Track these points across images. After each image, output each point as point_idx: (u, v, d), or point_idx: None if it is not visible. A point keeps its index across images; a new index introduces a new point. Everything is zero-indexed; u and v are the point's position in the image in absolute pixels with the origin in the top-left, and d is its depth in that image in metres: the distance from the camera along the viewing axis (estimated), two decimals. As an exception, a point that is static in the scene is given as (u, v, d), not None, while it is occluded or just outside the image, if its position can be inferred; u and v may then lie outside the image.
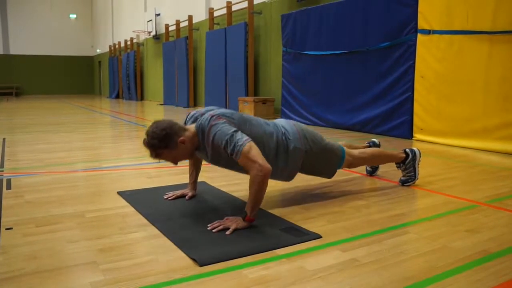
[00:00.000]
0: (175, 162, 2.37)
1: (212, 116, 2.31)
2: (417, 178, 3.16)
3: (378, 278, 1.68)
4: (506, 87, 4.67)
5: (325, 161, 2.78)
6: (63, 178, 3.47)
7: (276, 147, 2.50)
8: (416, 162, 3.13)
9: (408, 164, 3.13)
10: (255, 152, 2.20)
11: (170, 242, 2.05)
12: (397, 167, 3.19)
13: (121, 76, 20.82)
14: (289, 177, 2.70)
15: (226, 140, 2.21)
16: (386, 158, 3.15)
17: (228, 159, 2.32)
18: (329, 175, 2.88)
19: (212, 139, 2.26)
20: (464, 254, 1.92)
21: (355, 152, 2.97)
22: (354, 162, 2.96)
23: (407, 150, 3.14)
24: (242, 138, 2.22)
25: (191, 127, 2.38)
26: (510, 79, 4.63)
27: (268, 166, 2.19)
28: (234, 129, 2.26)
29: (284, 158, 2.55)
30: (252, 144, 2.23)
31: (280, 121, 2.74)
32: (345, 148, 2.91)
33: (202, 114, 2.39)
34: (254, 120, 2.52)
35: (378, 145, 3.52)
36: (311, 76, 7.55)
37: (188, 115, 2.56)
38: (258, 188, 2.17)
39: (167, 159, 2.34)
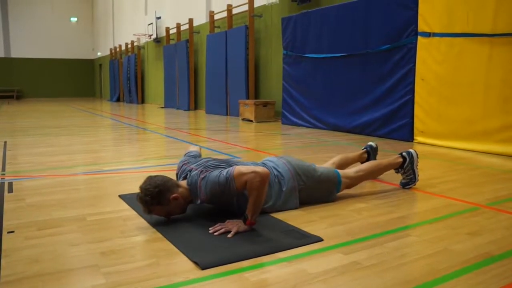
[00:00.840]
0: (168, 217, 2.39)
1: (201, 171, 2.36)
2: (417, 180, 3.16)
3: (380, 281, 1.68)
4: (507, 90, 4.67)
5: (322, 191, 2.79)
6: (64, 181, 3.47)
7: (269, 191, 2.52)
8: (414, 164, 3.13)
9: (406, 168, 3.13)
10: (244, 168, 2.22)
11: (171, 245, 2.05)
12: (396, 172, 3.19)
13: (122, 79, 20.85)
14: (288, 209, 2.68)
15: (219, 182, 2.24)
16: (384, 169, 3.13)
17: (223, 203, 2.41)
18: (329, 200, 2.86)
19: (205, 190, 2.30)
20: (466, 257, 1.92)
21: (351, 173, 2.95)
22: (353, 183, 2.95)
23: (404, 153, 3.14)
24: (228, 169, 2.26)
25: (183, 183, 2.42)
26: (511, 82, 4.64)
27: (265, 170, 2.20)
28: (220, 169, 2.31)
29: (280, 200, 2.57)
30: (239, 166, 2.27)
31: (271, 161, 2.75)
32: (341, 172, 2.89)
33: (191, 170, 2.44)
34: (244, 162, 2.56)
35: (375, 148, 3.51)
36: (312, 78, 7.56)
37: (179, 168, 2.63)
38: (257, 192, 2.18)
39: (160, 215, 2.36)
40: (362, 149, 3.52)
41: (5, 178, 3.61)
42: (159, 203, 2.28)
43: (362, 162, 3.40)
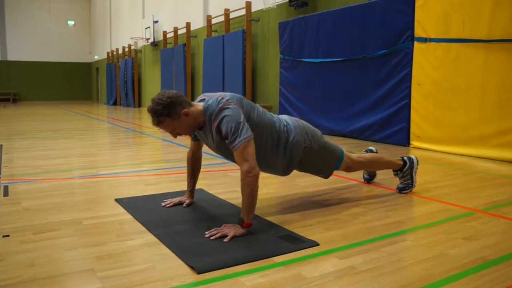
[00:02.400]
0: (174, 134, 2.35)
1: (222, 99, 2.29)
2: (414, 186, 3.17)
3: (376, 286, 1.68)
4: (503, 95, 4.70)
5: (323, 159, 2.79)
6: (61, 185, 3.46)
7: (277, 137, 2.52)
8: (414, 170, 3.14)
9: (405, 172, 3.14)
10: (251, 151, 2.21)
11: (168, 249, 2.05)
12: (395, 174, 3.21)
13: (119, 82, 20.83)
14: (285, 171, 2.70)
15: (232, 127, 2.20)
16: (384, 164, 3.16)
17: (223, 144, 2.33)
18: (326, 174, 2.88)
19: (219, 122, 2.24)
20: (461, 261, 1.92)
21: (354, 155, 2.99)
22: (352, 166, 2.96)
23: (405, 158, 3.15)
24: (247, 132, 2.22)
25: (199, 104, 2.37)
26: (507, 87, 4.67)
27: (258, 169, 2.21)
28: (242, 119, 2.25)
29: (284, 150, 2.57)
30: (252, 142, 2.24)
31: (283, 116, 2.76)
32: (345, 151, 2.92)
33: (211, 97, 2.37)
34: (260, 109, 2.52)
35: (375, 153, 3.53)
36: (309, 83, 7.58)
37: (198, 98, 2.54)
38: (250, 191, 2.19)
39: (167, 129, 2.32)
40: (363, 151, 3.53)
41: (1, 182, 3.59)
42: (169, 115, 2.25)
43: None
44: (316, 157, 2.74)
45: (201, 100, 2.43)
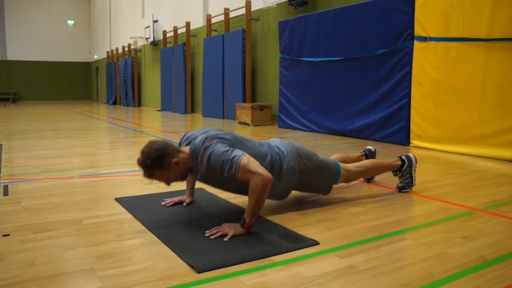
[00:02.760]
0: (167, 183, 2.37)
1: (206, 138, 2.32)
2: (414, 185, 3.17)
3: (376, 285, 1.68)
4: (503, 94, 4.69)
5: (320, 178, 2.80)
6: (60, 185, 3.46)
7: (270, 167, 2.51)
8: (413, 168, 3.14)
9: (404, 171, 3.14)
10: (254, 164, 2.21)
11: (167, 248, 2.05)
12: (394, 174, 3.21)
13: (119, 82, 20.83)
14: (282, 197, 2.71)
15: (222, 159, 2.22)
16: (382, 169, 3.16)
17: (219, 178, 2.35)
18: (326, 191, 2.89)
19: (207, 160, 2.27)
20: (461, 260, 1.92)
21: (351, 166, 2.97)
22: (351, 177, 2.97)
23: (403, 157, 3.15)
24: (238, 153, 2.24)
25: (186, 149, 2.39)
26: (506, 86, 4.66)
27: (269, 175, 2.20)
28: (227, 148, 2.28)
29: (278, 178, 2.56)
30: (249, 156, 2.25)
31: (274, 141, 2.75)
32: (341, 164, 2.91)
33: (196, 137, 2.40)
34: (248, 141, 2.54)
35: (373, 153, 3.53)
36: (309, 82, 7.57)
37: (183, 137, 2.56)
38: (258, 197, 2.18)
39: (159, 180, 2.34)
40: (361, 152, 3.54)
41: (0, 181, 3.59)
42: (160, 167, 2.26)
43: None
44: (313, 177, 2.75)
45: (188, 142, 2.44)
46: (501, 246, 2.10)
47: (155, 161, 2.24)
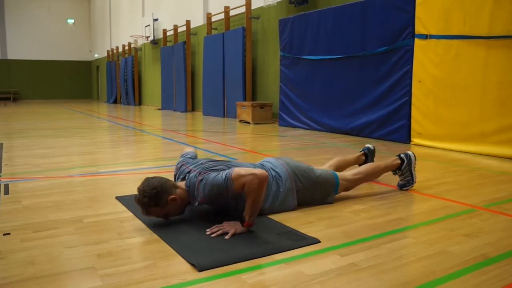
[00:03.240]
0: (166, 218, 2.38)
1: (200, 173, 2.34)
2: (415, 182, 3.16)
3: (377, 283, 1.68)
4: (503, 92, 4.69)
5: (319, 192, 2.78)
6: (61, 183, 3.46)
7: (267, 191, 2.51)
8: (412, 166, 3.13)
9: (404, 169, 3.13)
10: (243, 170, 2.21)
11: (168, 247, 2.05)
12: (394, 173, 3.20)
13: (119, 81, 20.82)
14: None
15: (217, 185, 2.23)
16: (382, 171, 3.13)
17: (219, 203, 2.40)
18: (327, 202, 2.85)
19: (204, 193, 2.28)
20: (462, 258, 1.92)
21: (349, 175, 2.95)
22: (350, 185, 2.95)
23: (402, 155, 3.14)
24: (227, 171, 2.25)
25: (182, 184, 2.41)
26: (507, 84, 4.65)
27: (264, 172, 2.19)
28: (217, 172, 2.29)
29: (276, 201, 2.56)
30: (237, 168, 2.26)
31: (269, 162, 2.75)
32: (339, 174, 2.89)
33: (190, 171, 2.42)
34: (242, 164, 2.55)
35: (373, 151, 3.52)
36: (309, 80, 7.56)
37: (178, 168, 2.60)
38: (256, 194, 2.18)
39: (158, 216, 2.35)
40: (360, 151, 3.52)
41: (1, 180, 3.59)
42: (157, 205, 2.27)
43: (360, 164, 3.40)
44: (311, 193, 2.74)
45: (183, 177, 2.47)
46: (502, 244, 2.10)
47: (152, 199, 2.25)
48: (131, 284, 1.67)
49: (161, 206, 2.29)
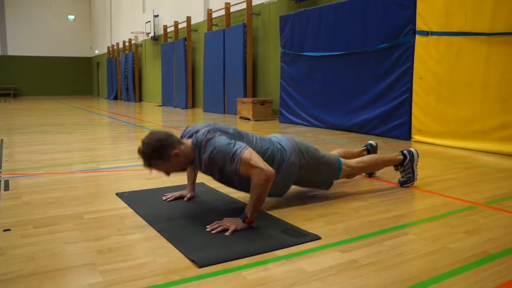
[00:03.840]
0: (167, 173, 2.36)
1: (208, 131, 2.32)
2: (416, 179, 3.16)
3: (378, 280, 1.68)
4: (505, 89, 4.67)
5: (321, 173, 2.79)
6: (61, 179, 3.46)
7: (271, 162, 2.49)
8: (414, 163, 3.13)
9: (406, 166, 3.13)
10: (256, 158, 2.20)
11: (168, 243, 2.05)
12: (396, 169, 3.19)
13: (120, 77, 20.80)
14: (280, 193, 2.68)
15: (225, 151, 2.21)
16: (384, 164, 3.15)
17: (221, 171, 2.34)
18: (327, 186, 2.88)
19: (209, 153, 2.25)
20: (463, 255, 1.92)
21: (352, 162, 2.96)
22: (352, 172, 2.96)
23: (405, 151, 3.14)
24: (241, 146, 2.23)
25: (188, 141, 2.38)
26: (508, 81, 4.64)
27: (271, 169, 2.19)
28: (229, 141, 2.26)
29: (278, 173, 2.55)
30: (251, 150, 2.24)
31: (276, 137, 2.74)
32: (342, 159, 2.90)
33: (197, 131, 2.39)
34: (250, 135, 2.53)
35: (375, 147, 3.52)
36: (310, 77, 7.55)
37: (185, 130, 2.54)
38: (260, 192, 2.18)
39: (159, 170, 2.33)
40: (362, 147, 3.52)
41: (1, 176, 3.59)
42: (160, 157, 2.24)
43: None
44: (314, 172, 2.74)
45: (190, 135, 2.43)
46: (503, 241, 2.09)
47: (155, 151, 2.23)
48: (131, 280, 1.67)
49: (164, 160, 2.25)
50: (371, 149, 3.50)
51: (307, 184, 2.83)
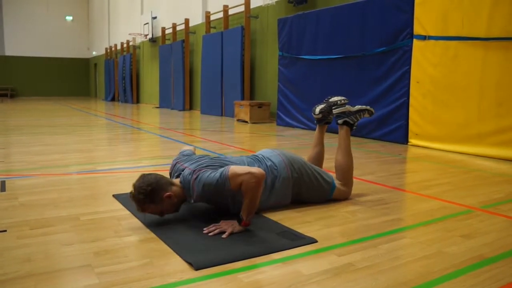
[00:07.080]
0: (161, 215, 2.36)
1: (194, 171, 2.34)
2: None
3: (374, 283, 1.68)
4: (501, 93, 4.70)
5: (314, 188, 2.75)
6: (58, 181, 3.45)
7: (264, 183, 2.48)
8: (356, 110, 3.20)
9: (354, 120, 3.26)
10: (241, 168, 2.21)
11: (165, 245, 2.04)
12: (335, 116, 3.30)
13: (117, 78, 20.79)
14: (282, 205, 2.68)
15: (213, 183, 2.22)
16: (347, 147, 3.22)
17: (215, 200, 2.40)
18: (324, 199, 2.83)
19: (199, 191, 2.28)
20: (459, 259, 1.92)
21: (338, 184, 2.87)
22: (346, 190, 2.91)
23: (339, 120, 3.24)
24: (223, 169, 2.25)
25: (177, 181, 2.41)
26: (505, 85, 4.66)
27: (261, 170, 2.19)
28: (211, 170, 2.29)
29: (272, 191, 2.56)
30: (233, 166, 2.26)
31: (265, 152, 2.74)
32: (335, 181, 2.87)
33: (184, 168, 2.42)
34: (236, 159, 2.55)
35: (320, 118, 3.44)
36: (307, 80, 7.56)
37: (172, 166, 2.60)
38: (253, 194, 2.17)
39: (153, 213, 2.33)
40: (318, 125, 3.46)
41: (-2, 177, 3.58)
42: (152, 202, 2.27)
43: (321, 132, 3.42)
44: (307, 186, 2.71)
45: (178, 174, 2.47)
46: (499, 245, 2.10)
47: (148, 196, 2.24)
48: (128, 282, 1.67)
49: (157, 203, 2.28)
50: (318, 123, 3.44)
51: (304, 199, 2.78)
